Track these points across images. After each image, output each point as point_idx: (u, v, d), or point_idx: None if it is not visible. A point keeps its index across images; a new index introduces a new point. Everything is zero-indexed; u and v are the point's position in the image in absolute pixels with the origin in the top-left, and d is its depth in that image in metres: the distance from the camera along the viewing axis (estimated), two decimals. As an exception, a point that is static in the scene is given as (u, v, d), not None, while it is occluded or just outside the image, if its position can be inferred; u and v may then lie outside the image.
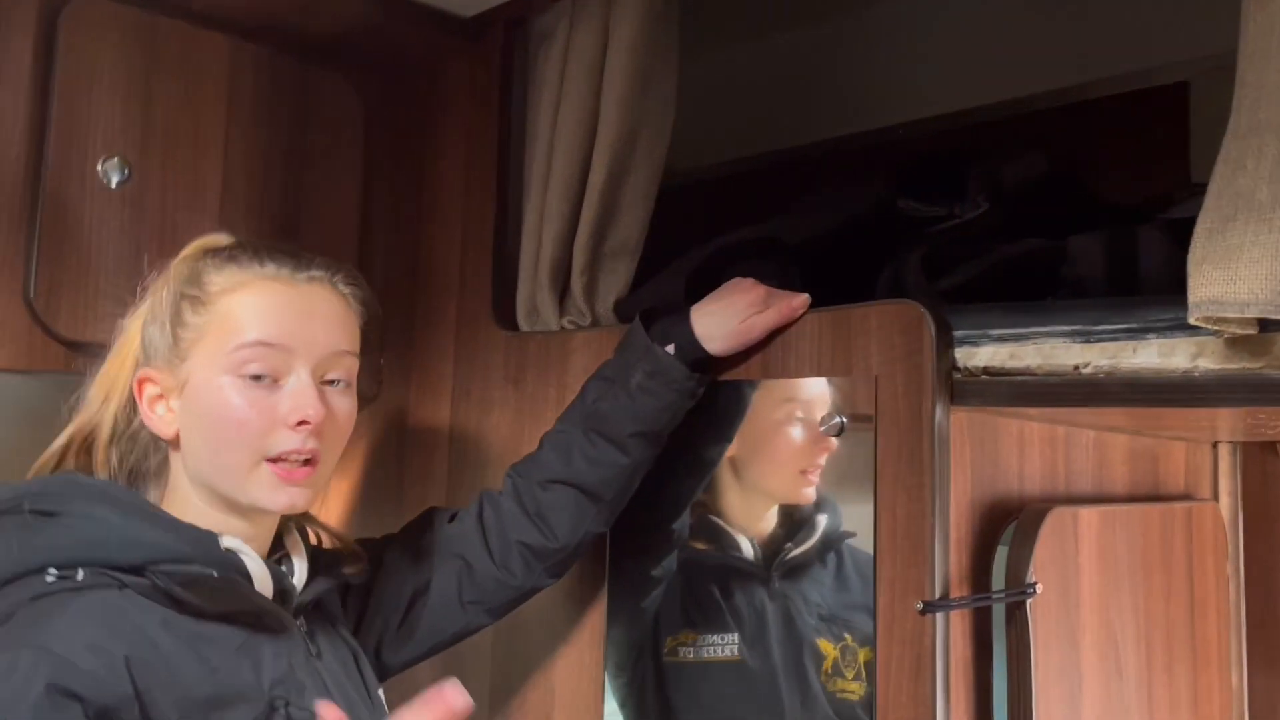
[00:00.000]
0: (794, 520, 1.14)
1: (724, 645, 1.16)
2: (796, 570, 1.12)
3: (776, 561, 1.14)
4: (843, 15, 1.97)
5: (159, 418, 0.98)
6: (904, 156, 1.58)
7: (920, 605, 0.99)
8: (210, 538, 0.95)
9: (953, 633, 1.00)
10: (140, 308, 1.03)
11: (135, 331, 1.01)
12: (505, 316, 1.46)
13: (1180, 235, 0.85)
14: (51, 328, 1.26)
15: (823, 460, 1.11)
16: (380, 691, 1.09)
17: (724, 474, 1.19)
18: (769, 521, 1.16)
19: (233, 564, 0.95)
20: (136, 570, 0.91)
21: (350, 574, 1.09)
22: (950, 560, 1.01)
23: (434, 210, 1.59)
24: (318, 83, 1.55)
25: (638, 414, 1.13)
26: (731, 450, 1.19)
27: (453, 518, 1.20)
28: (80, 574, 0.88)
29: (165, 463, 1.01)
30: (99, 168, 1.31)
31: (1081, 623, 1.11)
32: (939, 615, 0.98)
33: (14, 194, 1.26)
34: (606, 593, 1.27)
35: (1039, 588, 1.03)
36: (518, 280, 1.44)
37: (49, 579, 0.88)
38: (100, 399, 1.01)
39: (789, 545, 1.13)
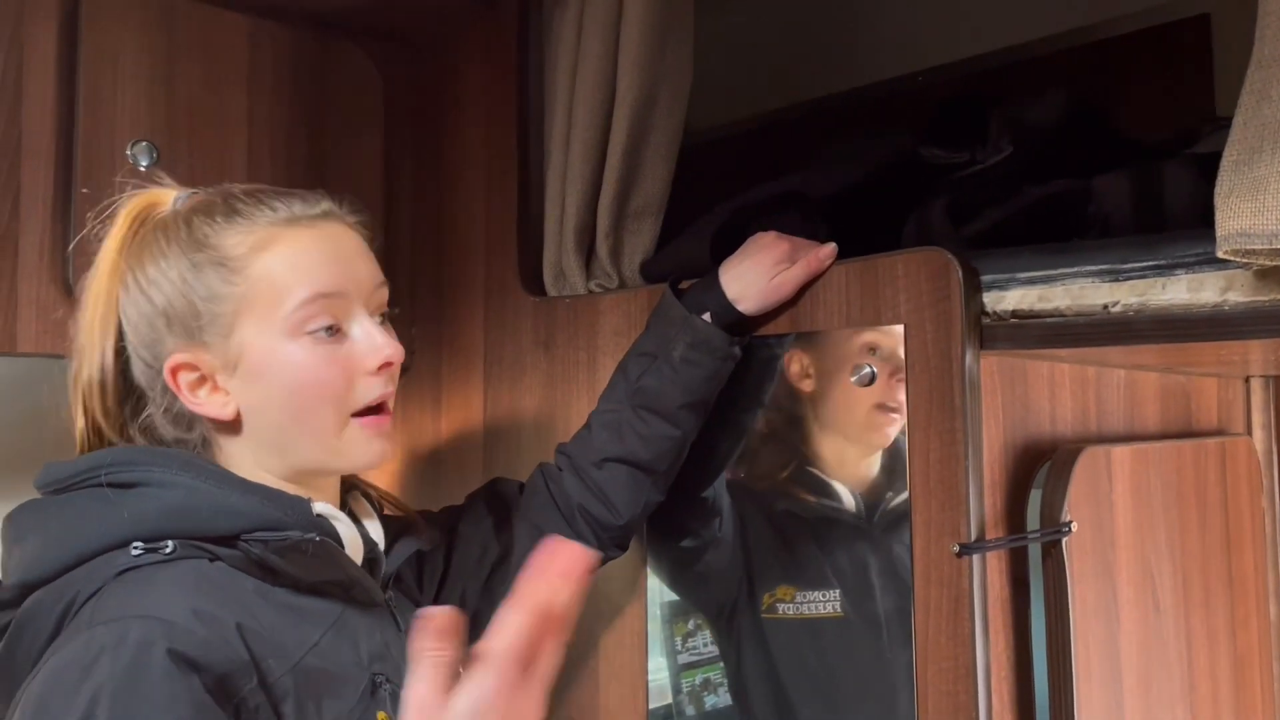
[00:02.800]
0: (897, 467, 1.07)
1: (825, 601, 1.13)
2: (900, 520, 1.06)
3: (878, 512, 1.10)
4: (857, -37, 1.96)
5: (208, 401, 0.91)
6: (925, 104, 1.57)
7: (956, 548, 1.00)
8: (303, 503, 0.90)
9: (990, 574, 1.01)
10: (99, 276, 0.93)
11: (107, 302, 0.93)
12: (533, 282, 1.47)
13: (1206, 169, 0.85)
14: (92, 312, 1.29)
15: (902, 397, 1.06)
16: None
17: (808, 417, 1.16)
18: (869, 468, 1.10)
19: (326, 530, 0.91)
20: (228, 540, 0.86)
21: (424, 542, 1.05)
22: (985, 502, 1.02)
23: (457, 178, 1.60)
24: (336, 56, 1.56)
25: (685, 386, 1.13)
26: (810, 387, 1.15)
27: (521, 489, 1.20)
28: (169, 546, 0.84)
29: (205, 444, 0.95)
30: (128, 151, 1.33)
31: (1117, 560, 1.12)
32: (975, 557, 1.00)
33: (47, 181, 1.28)
34: (647, 558, 1.28)
35: (1074, 527, 1.04)
36: (543, 245, 1.45)
37: (134, 552, 0.83)
38: (89, 388, 0.93)
39: (890, 494, 1.08)
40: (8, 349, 1.24)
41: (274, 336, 0.89)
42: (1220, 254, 0.83)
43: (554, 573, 0.68)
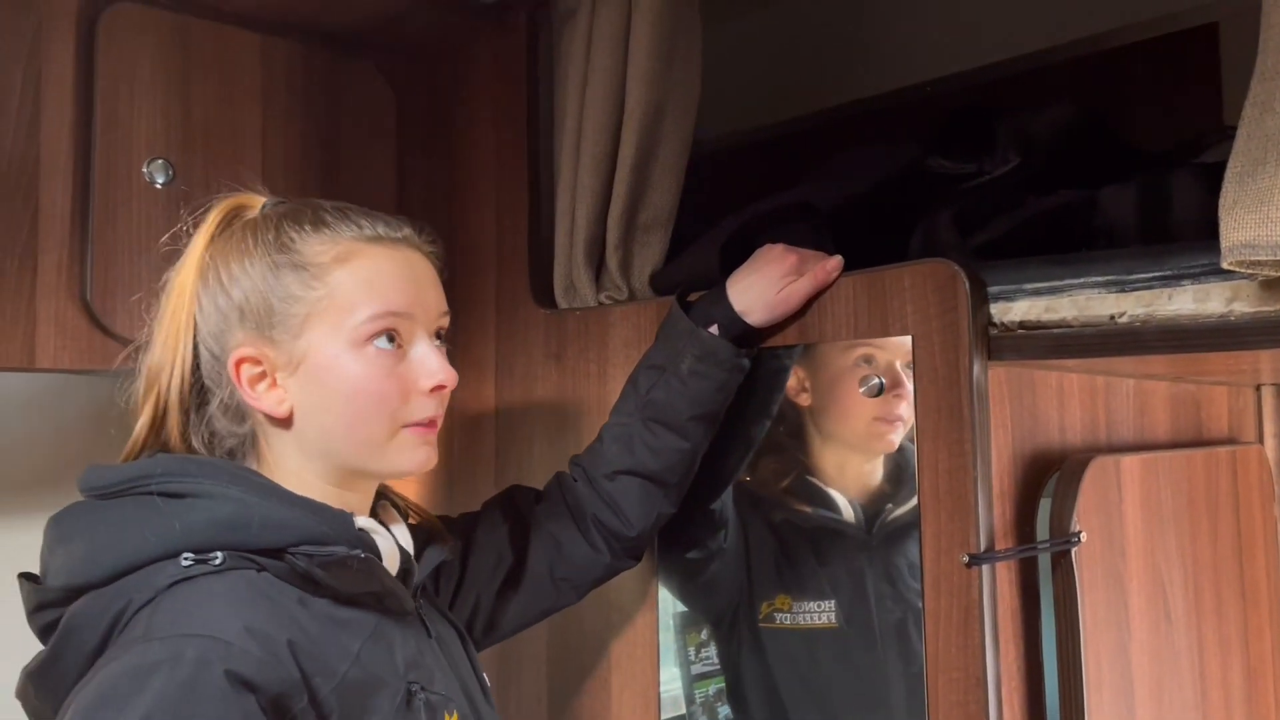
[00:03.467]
0: (899, 477, 1.07)
1: (820, 612, 1.13)
2: (900, 531, 1.06)
3: (877, 523, 1.09)
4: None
5: (265, 396, 0.93)
6: (932, 114, 1.58)
7: (966, 558, 1.00)
8: (346, 518, 0.92)
9: (999, 584, 1.01)
10: (185, 270, 0.96)
11: (191, 295, 0.95)
12: (543, 294, 1.48)
13: (1213, 180, 0.85)
14: (110, 327, 1.30)
15: (901, 409, 1.07)
16: (484, 672, 1.09)
17: (808, 428, 1.17)
18: (870, 478, 1.11)
19: (367, 544, 0.93)
20: (274, 552, 0.88)
21: (448, 552, 1.06)
22: (994, 513, 1.02)
23: (468, 192, 1.61)
24: (348, 73, 1.58)
25: (693, 398, 1.14)
26: (807, 401, 1.16)
27: (537, 497, 1.21)
28: (219, 557, 0.85)
29: (254, 439, 0.97)
30: (144, 169, 1.35)
31: (1128, 569, 1.12)
32: (985, 567, 1.00)
33: (65, 199, 1.30)
34: (658, 569, 1.29)
35: (1083, 536, 1.04)
36: (554, 258, 1.46)
37: (185, 562, 0.84)
38: (165, 377, 0.95)
39: (890, 506, 1.08)
40: (26, 365, 1.26)
41: (339, 344, 0.92)
42: (1225, 265, 0.83)
43: None
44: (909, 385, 1.07)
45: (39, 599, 0.88)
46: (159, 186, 1.36)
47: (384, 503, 1.05)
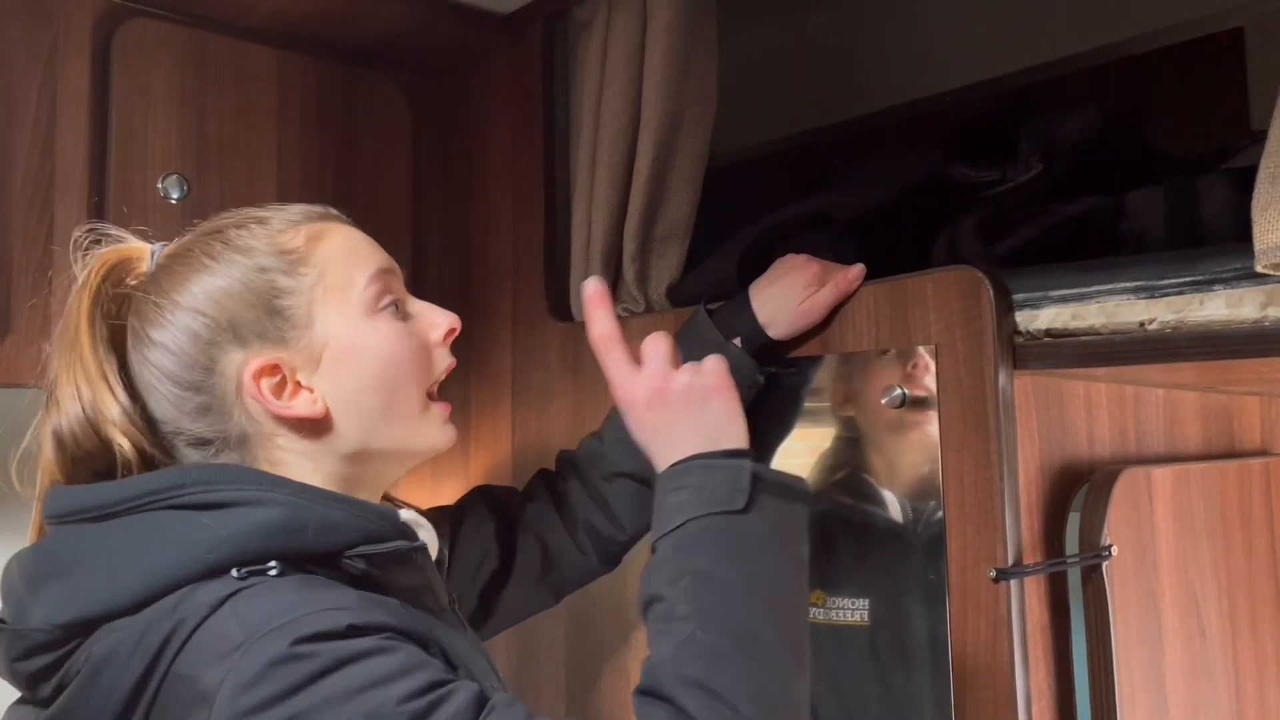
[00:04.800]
0: (937, 485, 1.03)
1: (854, 610, 1.10)
2: (938, 540, 1.02)
3: (922, 521, 1.05)
4: (883, -16, 1.95)
5: (292, 405, 0.86)
6: (953, 123, 1.56)
7: (993, 573, 0.98)
8: (393, 512, 0.87)
9: (1028, 599, 0.99)
10: (79, 322, 0.89)
11: (103, 345, 0.88)
12: (560, 307, 1.47)
13: (1242, 184, 0.83)
14: (123, 343, 1.30)
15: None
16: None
17: (860, 434, 1.13)
18: (925, 478, 1.05)
19: (413, 537, 0.87)
20: (328, 558, 0.81)
21: (445, 543, 1.03)
22: (1022, 526, 0.99)
23: (484, 205, 1.60)
24: (364, 88, 1.58)
25: None
26: (852, 411, 1.12)
27: (523, 495, 1.18)
28: (275, 568, 0.77)
29: (256, 459, 0.88)
30: (159, 184, 1.35)
31: (1160, 584, 1.09)
32: (1013, 582, 0.97)
33: (81, 214, 1.30)
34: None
35: (1114, 550, 1.02)
36: (570, 270, 1.45)
37: (234, 575, 0.75)
38: (120, 423, 0.85)
39: (933, 504, 1.04)
40: (41, 382, 1.25)
41: (355, 318, 0.89)
42: (1259, 268, 0.80)
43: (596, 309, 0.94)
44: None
45: (26, 644, 0.78)
46: (174, 202, 1.36)
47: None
